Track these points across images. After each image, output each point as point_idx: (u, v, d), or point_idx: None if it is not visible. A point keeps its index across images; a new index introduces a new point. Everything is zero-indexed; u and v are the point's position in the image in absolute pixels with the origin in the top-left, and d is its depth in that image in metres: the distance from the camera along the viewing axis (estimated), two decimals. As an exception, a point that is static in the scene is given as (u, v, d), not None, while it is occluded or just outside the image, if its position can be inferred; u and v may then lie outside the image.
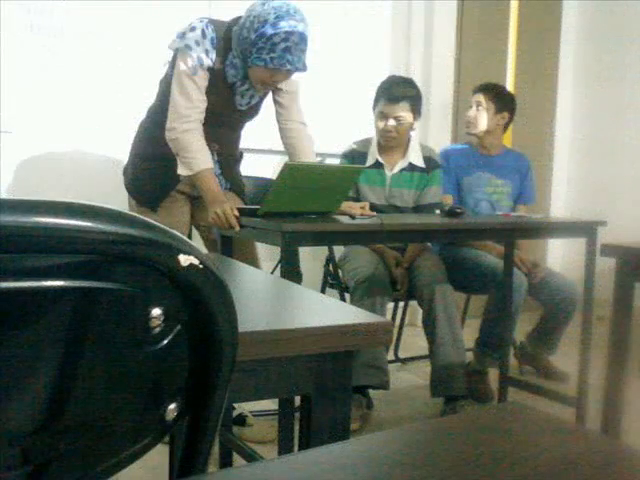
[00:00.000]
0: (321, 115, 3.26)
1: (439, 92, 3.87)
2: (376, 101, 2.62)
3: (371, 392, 2.50)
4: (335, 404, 0.81)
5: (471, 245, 2.81)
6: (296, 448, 1.63)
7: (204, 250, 2.24)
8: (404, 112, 2.54)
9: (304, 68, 2.01)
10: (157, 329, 0.52)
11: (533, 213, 2.76)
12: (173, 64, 2.09)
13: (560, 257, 4.43)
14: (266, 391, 0.82)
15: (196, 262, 0.50)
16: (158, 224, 0.49)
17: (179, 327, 0.54)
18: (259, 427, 2.20)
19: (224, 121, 2.21)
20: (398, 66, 3.71)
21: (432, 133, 3.84)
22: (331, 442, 0.55)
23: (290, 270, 1.77)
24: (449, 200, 2.82)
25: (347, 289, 2.54)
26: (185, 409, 0.57)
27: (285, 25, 1.92)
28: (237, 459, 1.91)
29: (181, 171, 2.07)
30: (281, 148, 2.36)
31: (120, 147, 2.58)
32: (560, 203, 4.54)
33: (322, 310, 0.90)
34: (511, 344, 2.82)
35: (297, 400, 1.74)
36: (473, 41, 4.03)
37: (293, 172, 1.84)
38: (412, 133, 2.67)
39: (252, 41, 1.97)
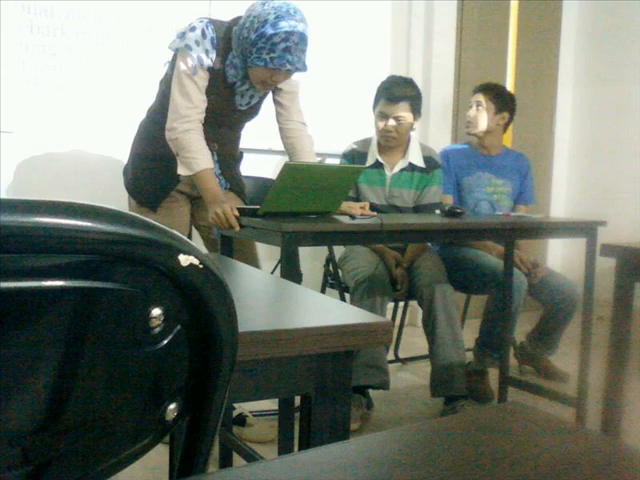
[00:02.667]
0: (321, 115, 3.26)
1: (439, 92, 3.87)
2: (376, 101, 2.62)
3: (371, 392, 2.50)
4: (335, 404, 0.81)
5: (471, 245, 2.81)
6: (296, 448, 1.63)
7: (204, 250, 2.24)
8: (404, 112, 2.54)
9: (304, 68, 2.01)
10: (157, 329, 0.52)
11: (533, 213, 2.76)
12: (173, 64, 2.09)
13: (560, 257, 4.43)
14: (266, 391, 0.82)
15: (196, 262, 0.50)
16: (158, 224, 0.49)
17: (179, 327, 0.54)
18: (259, 427, 2.20)
19: (224, 121, 2.21)
20: (398, 66, 3.71)
21: (432, 133, 3.84)
22: (331, 442, 0.55)
23: (290, 270, 1.77)
24: (449, 200, 2.82)
25: (347, 289, 2.54)
26: (185, 409, 0.57)
27: (285, 25, 1.92)
28: (237, 459, 1.91)
29: (181, 171, 2.07)
30: (281, 148, 2.35)
31: (120, 147, 2.58)
32: (560, 203, 4.54)
33: (322, 310, 0.90)
34: (511, 344, 2.82)
35: (297, 400, 1.74)
36: (473, 41, 4.03)
37: (293, 172, 1.84)
38: (412, 133, 2.67)
39: (252, 41, 1.97)
